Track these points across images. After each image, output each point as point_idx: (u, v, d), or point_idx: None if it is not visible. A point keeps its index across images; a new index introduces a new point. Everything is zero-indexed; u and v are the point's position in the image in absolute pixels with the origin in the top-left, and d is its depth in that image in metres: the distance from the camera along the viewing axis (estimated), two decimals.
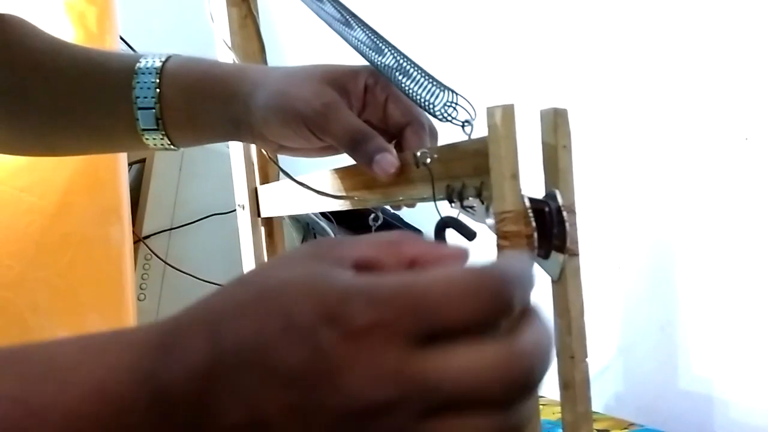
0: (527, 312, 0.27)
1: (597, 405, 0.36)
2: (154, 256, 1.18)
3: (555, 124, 0.32)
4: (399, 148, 0.47)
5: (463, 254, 0.29)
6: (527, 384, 0.25)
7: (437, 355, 0.25)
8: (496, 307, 0.25)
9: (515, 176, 0.30)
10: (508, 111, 0.30)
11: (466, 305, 0.25)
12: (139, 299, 1.11)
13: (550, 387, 0.28)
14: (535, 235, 0.31)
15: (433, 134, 0.48)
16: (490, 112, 0.30)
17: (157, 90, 0.50)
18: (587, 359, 0.33)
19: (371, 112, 0.48)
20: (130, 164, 1.07)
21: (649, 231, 0.85)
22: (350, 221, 1.18)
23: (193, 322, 0.28)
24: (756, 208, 0.74)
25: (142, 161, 1.21)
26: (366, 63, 0.47)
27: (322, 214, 1.19)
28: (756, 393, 0.76)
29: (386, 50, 0.45)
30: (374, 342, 0.25)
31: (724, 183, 0.77)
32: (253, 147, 0.66)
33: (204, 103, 0.50)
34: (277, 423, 0.25)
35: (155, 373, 0.27)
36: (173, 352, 0.27)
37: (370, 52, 0.46)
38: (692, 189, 0.80)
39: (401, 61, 0.44)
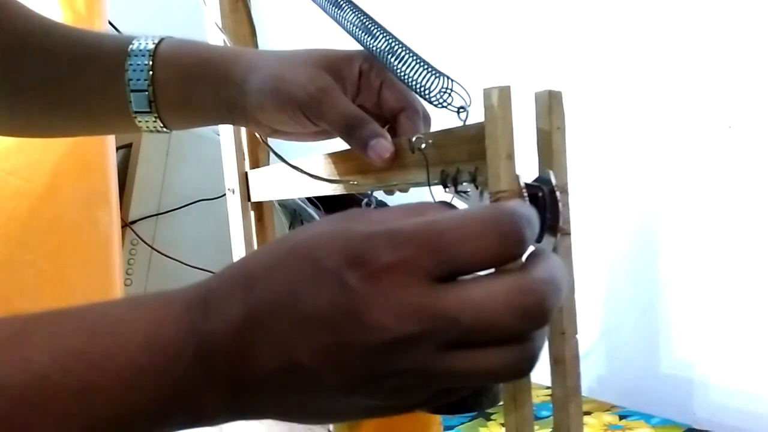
0: (537, 252, 0.28)
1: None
2: (140, 241, 1.18)
3: (550, 106, 0.33)
4: (393, 133, 0.47)
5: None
6: (541, 310, 0.27)
7: (455, 289, 0.26)
8: (511, 243, 0.27)
9: (510, 157, 0.31)
10: (504, 92, 0.31)
11: (482, 241, 0.26)
12: (125, 284, 1.10)
13: (535, 368, 0.29)
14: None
15: (427, 120, 0.48)
16: (487, 93, 0.31)
17: (150, 72, 0.49)
18: (577, 335, 0.35)
19: (366, 97, 0.48)
20: (117, 149, 1.06)
21: (632, 216, 0.87)
22: (337, 208, 1.18)
23: (229, 279, 0.29)
24: (738, 195, 0.76)
25: (129, 146, 1.20)
26: (360, 48, 0.47)
27: (309, 200, 1.20)
28: (735, 376, 0.78)
29: (377, 33, 0.45)
30: (395, 280, 0.26)
31: (708, 170, 0.78)
32: (243, 131, 0.66)
33: (197, 86, 0.50)
34: (310, 365, 0.27)
35: (197, 326, 0.28)
36: (212, 306, 0.29)
37: (362, 34, 0.46)
38: (676, 176, 0.81)
39: (393, 44, 0.44)
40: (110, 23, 1.00)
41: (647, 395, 0.84)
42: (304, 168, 0.55)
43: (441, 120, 0.43)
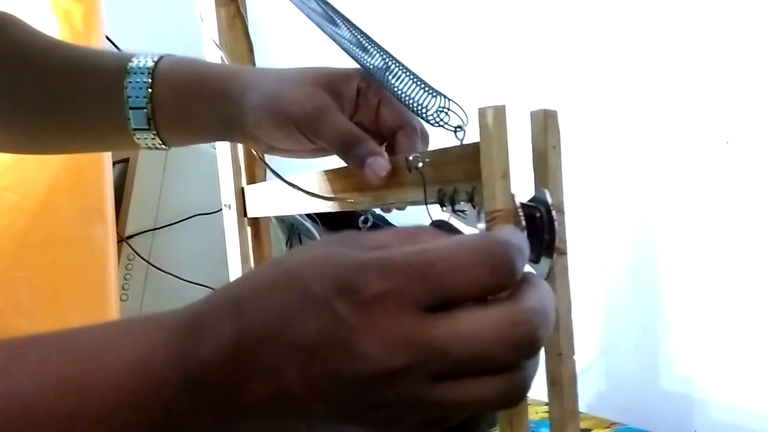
0: (527, 278, 0.28)
1: (579, 404, 0.37)
2: (136, 256, 1.17)
3: (545, 125, 0.33)
4: (390, 151, 0.47)
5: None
6: (531, 341, 0.26)
7: (446, 320, 0.26)
8: (502, 273, 0.27)
9: (506, 176, 0.31)
10: (499, 111, 0.31)
11: (473, 272, 0.26)
12: (121, 300, 1.10)
13: (534, 385, 0.29)
14: (525, 235, 0.32)
15: (425, 138, 0.48)
16: (482, 112, 0.31)
17: (149, 90, 0.49)
18: (574, 356, 0.34)
19: (363, 115, 0.48)
20: (114, 163, 1.06)
21: (631, 232, 0.87)
22: (334, 223, 1.18)
23: (220, 303, 0.29)
24: (736, 210, 0.76)
25: (126, 161, 1.20)
26: (358, 66, 0.47)
27: (307, 215, 1.20)
28: (735, 392, 0.77)
29: (373, 50, 0.45)
30: (386, 309, 0.26)
31: (706, 186, 0.78)
32: (240, 147, 0.66)
33: (196, 104, 0.50)
34: (299, 394, 0.27)
35: (187, 352, 0.28)
36: (202, 331, 0.28)
37: (358, 51, 0.46)
38: (674, 192, 0.81)
39: (389, 62, 0.44)
40: (108, 38, 1.00)
41: (647, 412, 0.83)
42: (300, 185, 0.54)
43: (439, 138, 0.43)
